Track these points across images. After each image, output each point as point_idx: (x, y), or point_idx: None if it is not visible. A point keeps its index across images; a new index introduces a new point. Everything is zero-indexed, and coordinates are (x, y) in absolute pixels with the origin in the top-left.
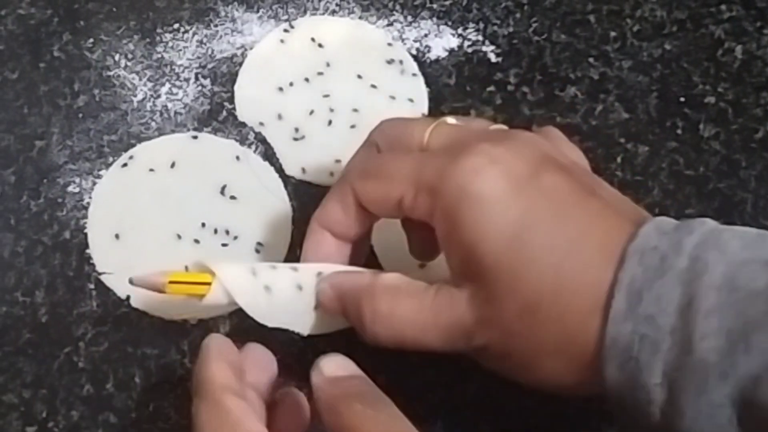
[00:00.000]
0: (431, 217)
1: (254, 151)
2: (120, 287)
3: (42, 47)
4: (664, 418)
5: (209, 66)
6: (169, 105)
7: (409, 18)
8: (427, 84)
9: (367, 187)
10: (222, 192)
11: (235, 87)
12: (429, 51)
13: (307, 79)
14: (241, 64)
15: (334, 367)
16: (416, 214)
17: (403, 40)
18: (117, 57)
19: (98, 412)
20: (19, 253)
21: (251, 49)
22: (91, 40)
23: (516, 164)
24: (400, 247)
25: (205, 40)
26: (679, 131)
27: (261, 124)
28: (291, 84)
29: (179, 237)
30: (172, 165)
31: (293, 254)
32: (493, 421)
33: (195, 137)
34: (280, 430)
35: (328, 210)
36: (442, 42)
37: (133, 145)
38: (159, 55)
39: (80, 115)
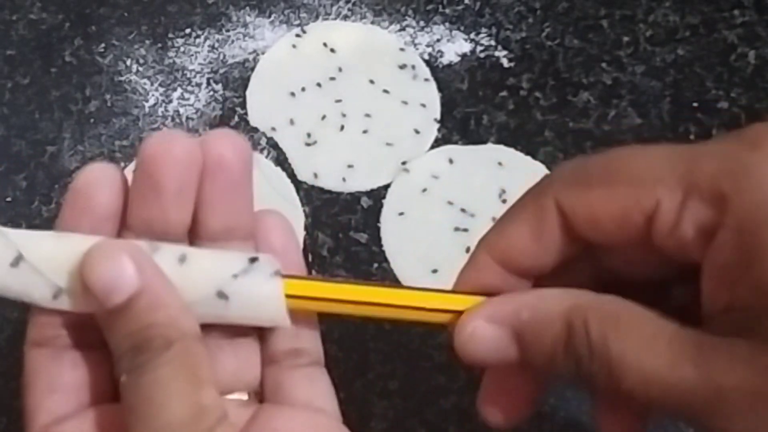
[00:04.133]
0: (706, 241)
1: (266, 157)
2: None
3: (53, 52)
4: None
5: (221, 71)
6: (181, 110)
7: (422, 23)
8: (440, 89)
9: (591, 198)
10: None
11: (247, 92)
12: (441, 56)
13: (319, 84)
14: (253, 69)
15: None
16: (675, 239)
17: (415, 45)
18: (129, 62)
19: None
20: None
21: (263, 54)
22: (103, 45)
23: None
24: (410, 247)
25: (216, 45)
26: (692, 136)
27: (273, 129)
28: (303, 89)
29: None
30: None
31: (305, 259)
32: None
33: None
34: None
35: (508, 234)
36: (455, 47)
37: None
38: (171, 60)
39: (92, 121)
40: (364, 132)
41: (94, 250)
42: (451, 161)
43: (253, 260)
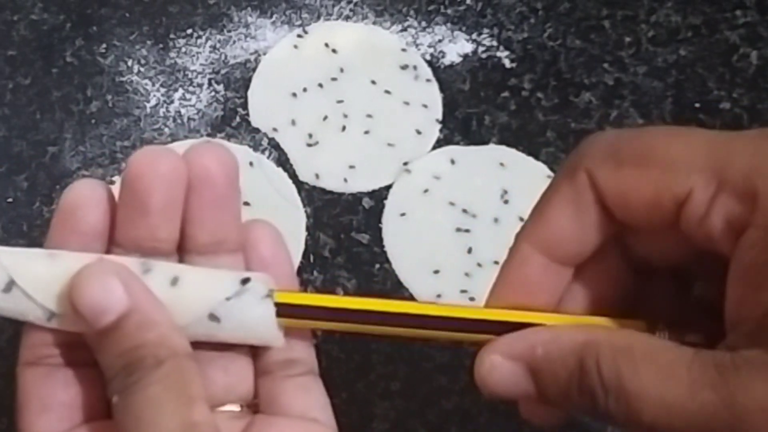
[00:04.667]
0: (735, 237)
1: (268, 157)
2: None
3: (55, 53)
4: None
5: (222, 71)
6: (183, 111)
7: (423, 23)
8: (441, 89)
9: (623, 176)
10: None
11: (249, 92)
12: (443, 56)
13: (320, 85)
14: (254, 70)
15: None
16: (704, 230)
17: (417, 45)
18: (130, 62)
19: None
20: None
21: (265, 54)
22: (104, 45)
23: None
24: (412, 247)
25: (218, 45)
26: None
27: (274, 129)
28: (304, 89)
29: None
30: None
31: (307, 260)
32: (507, 428)
33: (208, 143)
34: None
35: (547, 219)
36: (456, 47)
37: None
38: (172, 61)
39: (93, 121)
40: (366, 132)
41: (82, 272)
42: (452, 162)
43: (246, 281)
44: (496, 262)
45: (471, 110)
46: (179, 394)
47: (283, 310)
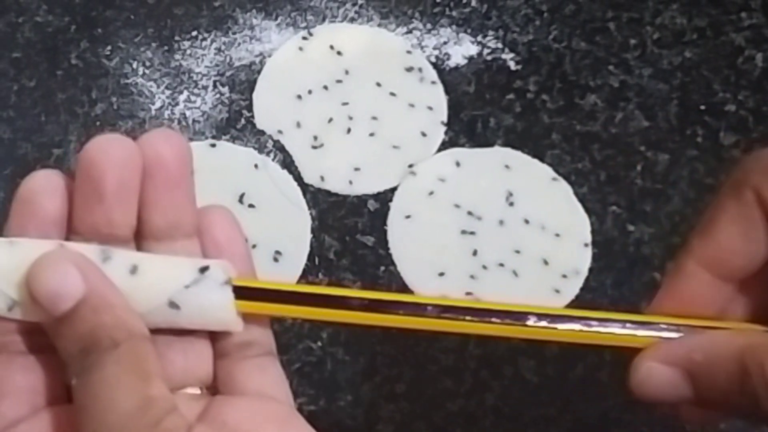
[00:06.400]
0: None
1: (273, 159)
2: None
3: (59, 55)
4: None
5: (227, 74)
6: (188, 113)
7: (429, 25)
8: (447, 92)
9: None
10: (240, 200)
11: (254, 95)
12: (448, 59)
13: (325, 87)
14: (259, 72)
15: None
16: None
17: (422, 47)
18: (135, 65)
19: None
20: None
21: (270, 56)
22: (109, 47)
23: None
24: (417, 250)
25: (223, 47)
26: (699, 139)
27: (279, 132)
28: (309, 92)
29: None
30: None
31: (312, 262)
32: (511, 430)
33: (213, 145)
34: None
35: (715, 237)
36: (462, 50)
37: None
38: (177, 63)
39: (98, 123)
40: (371, 135)
41: (39, 260)
42: (458, 164)
43: (204, 269)
44: (501, 265)
45: (476, 112)
46: (136, 372)
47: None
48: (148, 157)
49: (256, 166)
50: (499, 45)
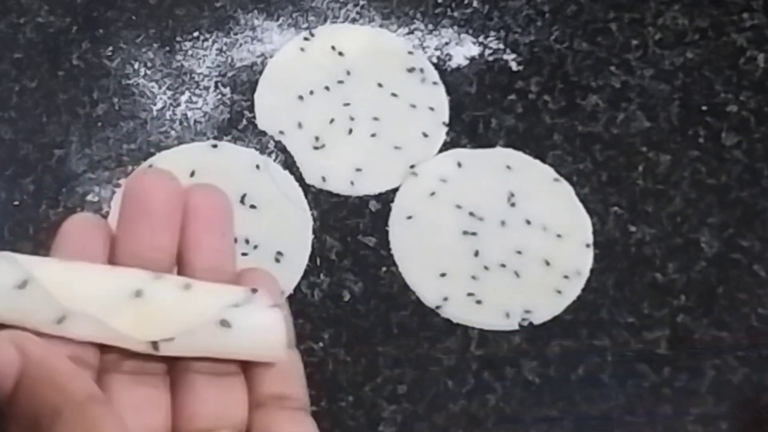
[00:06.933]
0: None
1: (274, 160)
2: None
3: (61, 55)
4: None
5: (229, 74)
6: (189, 113)
7: (430, 26)
8: (448, 92)
9: None
10: (242, 201)
11: (255, 95)
12: (450, 59)
13: (327, 88)
14: (261, 73)
15: None
16: None
17: (423, 48)
18: (136, 65)
19: None
20: None
21: (271, 57)
22: (111, 48)
23: None
24: (419, 250)
25: (224, 48)
26: (701, 140)
27: (281, 132)
28: (311, 92)
29: None
30: (192, 174)
31: (313, 263)
32: (513, 431)
33: (215, 146)
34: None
35: None
36: (463, 50)
37: (153, 154)
38: (178, 64)
39: (99, 124)
40: (373, 135)
41: None
42: (459, 165)
43: (254, 291)
44: (503, 265)
45: (478, 113)
46: None
47: None
48: (192, 203)
49: (257, 166)
50: (501, 46)
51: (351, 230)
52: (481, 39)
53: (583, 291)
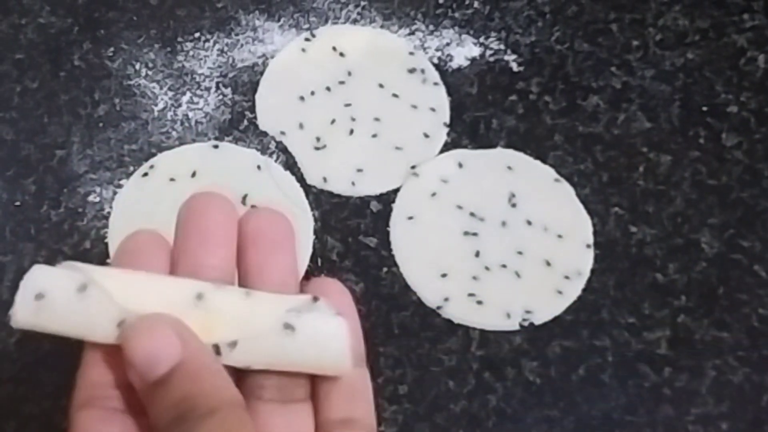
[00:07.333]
0: None
1: (275, 161)
2: None
3: (62, 56)
4: None
5: (230, 75)
6: (190, 114)
7: (431, 27)
8: (449, 93)
9: None
10: (243, 201)
11: (256, 96)
12: (451, 60)
13: (328, 88)
14: (262, 73)
15: None
16: None
17: (424, 49)
18: (138, 66)
19: None
20: (40, 262)
21: (272, 58)
22: (112, 49)
23: None
24: (420, 251)
25: (226, 49)
26: (701, 140)
27: (282, 133)
28: (312, 93)
29: None
30: (193, 174)
31: (314, 264)
32: (514, 431)
33: (216, 146)
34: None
35: None
36: (464, 51)
37: (154, 155)
38: (180, 64)
39: (101, 125)
40: (374, 136)
41: (135, 324)
42: (460, 165)
43: (315, 299)
44: (504, 266)
45: (479, 114)
46: None
47: None
48: (252, 228)
49: (258, 167)
50: (502, 46)
51: (352, 231)
52: (482, 40)
53: (584, 291)
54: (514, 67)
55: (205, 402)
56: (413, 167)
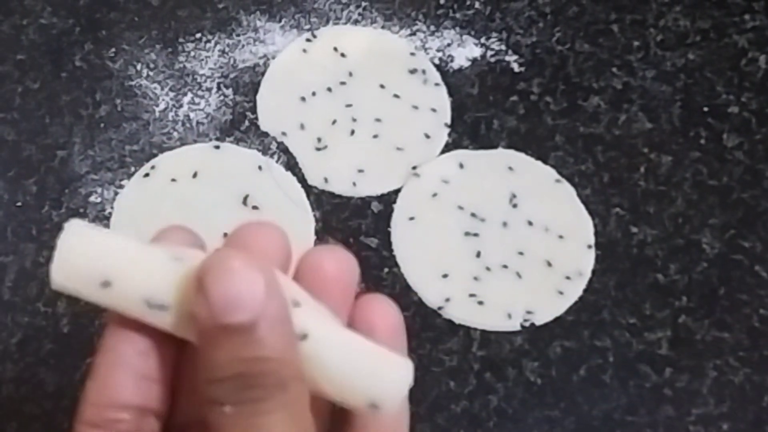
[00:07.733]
0: None
1: (276, 161)
2: None
3: (64, 57)
4: None
5: (231, 76)
6: (192, 115)
7: (432, 27)
8: (450, 94)
9: None
10: (244, 202)
11: (258, 97)
12: (452, 60)
13: (329, 89)
14: (263, 74)
15: None
16: None
17: (425, 49)
18: (139, 66)
19: None
20: (41, 263)
21: (273, 58)
22: (113, 49)
23: None
24: (421, 251)
25: (227, 49)
26: (702, 141)
27: (283, 133)
28: (313, 94)
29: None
30: (194, 175)
31: None
32: (515, 431)
33: (217, 147)
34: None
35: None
36: (465, 51)
37: (155, 155)
38: (181, 65)
39: (102, 125)
40: (375, 137)
41: (224, 256)
42: (461, 166)
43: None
44: (505, 266)
45: (480, 114)
46: (301, 425)
47: None
48: (319, 271)
49: (259, 167)
50: (503, 47)
51: (353, 231)
52: (483, 40)
53: (585, 292)
54: (515, 67)
55: (278, 370)
56: (414, 168)
